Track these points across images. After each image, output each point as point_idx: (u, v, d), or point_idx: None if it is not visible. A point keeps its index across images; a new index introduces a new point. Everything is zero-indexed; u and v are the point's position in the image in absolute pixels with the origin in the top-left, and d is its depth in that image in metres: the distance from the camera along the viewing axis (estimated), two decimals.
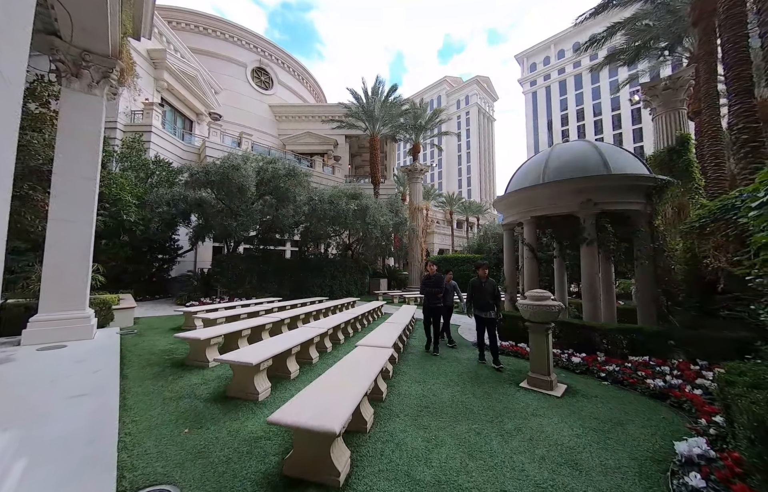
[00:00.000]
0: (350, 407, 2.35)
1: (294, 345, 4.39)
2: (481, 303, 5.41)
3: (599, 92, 55.65)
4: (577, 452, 2.71)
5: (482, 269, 5.58)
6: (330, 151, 27.34)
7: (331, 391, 2.68)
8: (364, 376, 3.05)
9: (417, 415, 3.30)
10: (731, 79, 8.09)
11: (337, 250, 17.86)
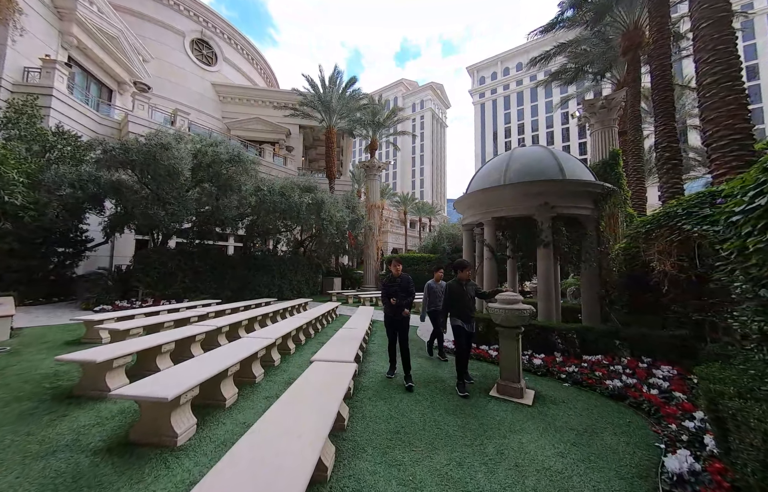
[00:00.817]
0: (309, 465, 1.69)
1: (232, 363, 3.51)
2: (465, 312, 4.31)
3: (537, 109, 61.48)
4: (567, 477, 2.42)
5: (465, 271, 4.45)
6: (282, 140, 25.46)
7: (281, 439, 1.97)
8: (323, 409, 2.39)
9: (387, 447, 2.75)
10: (658, 102, 9.07)
11: (288, 247, 16.55)
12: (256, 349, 4.12)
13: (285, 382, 4.22)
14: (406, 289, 4.56)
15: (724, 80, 5.24)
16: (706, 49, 5.48)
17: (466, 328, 4.28)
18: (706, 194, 4.74)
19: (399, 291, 4.53)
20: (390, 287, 4.55)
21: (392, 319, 4.62)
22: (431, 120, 76.72)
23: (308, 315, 7.61)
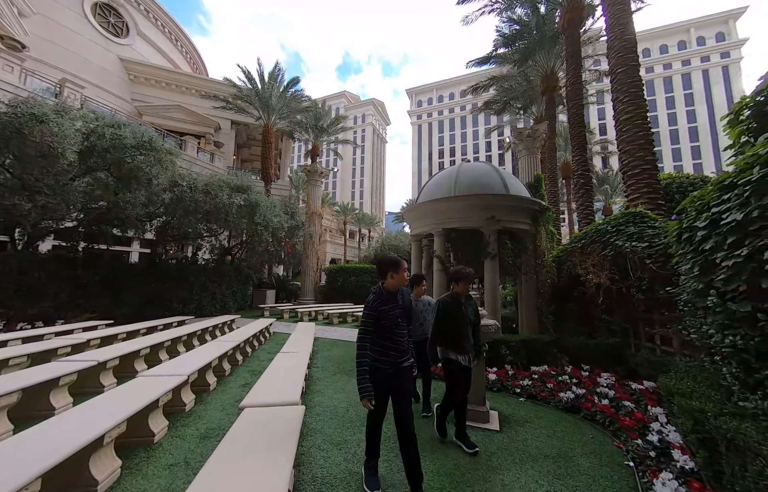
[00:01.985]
0: None
1: (112, 425, 2.36)
2: (461, 341, 3.08)
3: (466, 136, 67.99)
4: None
5: (463, 282, 3.17)
6: (209, 134, 22.49)
7: None
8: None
9: None
10: (574, 136, 10.40)
11: (212, 255, 14.28)
12: (157, 394, 2.95)
13: (200, 437, 3.12)
14: (405, 312, 2.55)
15: (636, 118, 6.10)
16: (622, 90, 6.35)
17: (464, 363, 3.08)
18: (630, 214, 5.31)
19: (401, 319, 2.51)
20: (374, 309, 2.43)
21: (386, 376, 2.42)
22: (372, 134, 78.28)
23: (235, 337, 6.32)
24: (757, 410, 1.98)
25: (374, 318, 2.42)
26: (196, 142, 20.16)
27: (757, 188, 2.04)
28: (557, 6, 12.53)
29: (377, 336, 2.42)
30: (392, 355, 2.43)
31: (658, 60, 52.60)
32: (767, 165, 2.02)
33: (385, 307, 2.44)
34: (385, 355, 2.42)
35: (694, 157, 49.47)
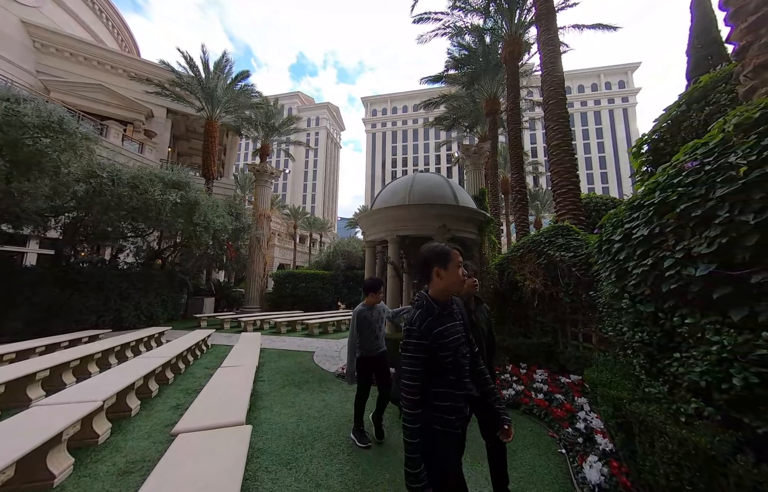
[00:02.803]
0: None
1: None
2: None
3: (418, 147, 71.00)
4: None
5: (470, 279, 2.50)
6: (139, 122, 19.81)
7: None
8: None
9: None
10: (513, 156, 11.51)
11: (138, 258, 12.50)
12: (58, 427, 2.42)
13: (118, 474, 2.64)
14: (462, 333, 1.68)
15: (564, 145, 7.00)
16: (553, 119, 7.23)
17: (474, 393, 1.81)
18: (558, 227, 6.03)
19: (464, 345, 1.67)
20: (447, 338, 1.55)
21: (457, 439, 1.67)
22: (326, 138, 77.13)
23: (164, 352, 5.57)
24: (660, 395, 2.36)
25: (426, 350, 1.49)
26: (121, 128, 17.58)
27: (657, 209, 2.46)
28: (500, 39, 13.86)
29: (434, 378, 1.51)
30: (462, 406, 1.58)
31: (577, 97, 61.51)
32: (665, 190, 2.45)
33: (440, 329, 1.53)
34: (455, 407, 1.54)
35: (603, 182, 58.61)
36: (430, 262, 1.62)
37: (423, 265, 1.67)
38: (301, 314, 14.14)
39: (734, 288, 1.91)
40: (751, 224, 1.82)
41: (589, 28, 13.59)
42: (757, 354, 1.71)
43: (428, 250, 1.65)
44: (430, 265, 1.62)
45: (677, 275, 2.21)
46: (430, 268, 1.63)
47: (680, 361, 2.19)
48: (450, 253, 1.63)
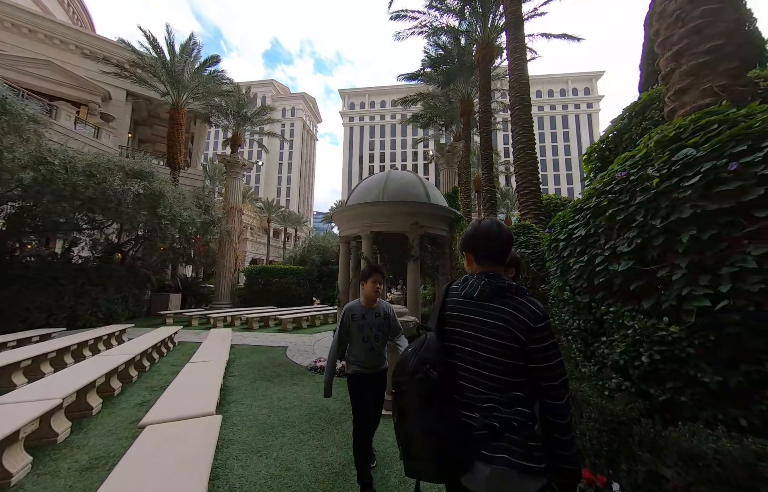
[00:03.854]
0: None
1: None
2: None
3: (395, 143, 71.35)
4: None
5: (509, 269, 2.18)
6: (94, 104, 18.31)
7: None
8: None
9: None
10: (483, 157, 12.03)
11: (94, 252, 11.69)
12: (15, 424, 2.35)
13: (80, 470, 2.60)
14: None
15: (527, 149, 7.48)
16: (518, 124, 7.69)
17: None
18: (520, 226, 6.48)
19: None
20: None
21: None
22: (302, 129, 75.27)
23: (127, 349, 5.38)
24: (591, 374, 2.73)
25: None
26: (73, 110, 16.18)
27: (593, 212, 2.81)
28: (474, 42, 14.31)
29: None
30: None
31: (547, 101, 64.64)
32: (599, 196, 2.80)
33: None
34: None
35: (568, 183, 62.28)
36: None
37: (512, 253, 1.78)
38: (274, 310, 13.93)
39: (646, 281, 2.27)
40: (658, 228, 2.17)
41: (556, 37, 14.39)
42: (659, 335, 2.07)
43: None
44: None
45: (605, 270, 2.56)
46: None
47: (606, 344, 2.56)
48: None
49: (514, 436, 0.99)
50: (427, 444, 1.01)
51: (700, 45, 2.83)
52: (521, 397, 1.03)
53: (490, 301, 1.10)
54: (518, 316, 1.04)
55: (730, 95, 2.65)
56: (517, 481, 0.96)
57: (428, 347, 1.12)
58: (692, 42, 2.86)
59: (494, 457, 0.98)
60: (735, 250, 1.85)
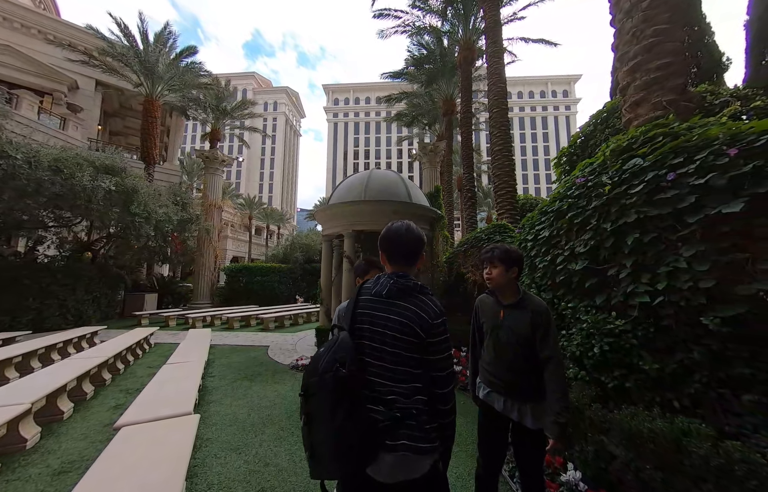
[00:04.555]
0: None
1: None
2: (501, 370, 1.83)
3: (380, 140, 71.31)
4: None
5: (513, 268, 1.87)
6: (60, 93, 17.26)
7: None
8: None
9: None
10: (464, 157, 12.32)
11: (61, 250, 11.11)
12: None
13: (53, 474, 2.56)
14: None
15: (504, 150, 7.76)
16: (496, 126, 7.96)
17: (513, 416, 1.76)
18: (497, 225, 6.74)
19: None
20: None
21: None
22: (285, 125, 73.76)
23: (100, 352, 5.22)
24: None
25: None
26: (36, 100, 15.22)
27: (556, 215, 3.02)
28: (456, 43, 14.55)
29: None
30: None
31: (528, 102, 66.47)
32: (562, 200, 3.02)
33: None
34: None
35: (548, 182, 64.41)
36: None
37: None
38: (255, 309, 13.75)
39: (598, 279, 2.49)
40: (609, 231, 2.39)
41: (535, 42, 14.87)
42: (607, 328, 2.29)
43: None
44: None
45: (565, 269, 2.77)
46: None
47: (566, 337, 2.77)
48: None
49: (413, 422, 1.09)
50: (336, 444, 1.03)
51: (651, 62, 3.09)
52: (420, 388, 1.13)
53: (397, 299, 1.18)
54: (420, 314, 1.14)
55: (676, 109, 2.92)
56: (413, 463, 1.07)
57: (340, 346, 1.14)
58: (645, 59, 3.12)
59: (396, 445, 1.06)
60: (671, 251, 2.07)
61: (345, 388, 1.05)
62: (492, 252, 1.93)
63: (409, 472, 1.07)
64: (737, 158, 1.89)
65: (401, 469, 1.07)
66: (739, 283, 1.80)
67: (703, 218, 1.92)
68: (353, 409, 1.05)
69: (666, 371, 2.09)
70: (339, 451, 1.04)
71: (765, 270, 1.73)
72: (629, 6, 3.27)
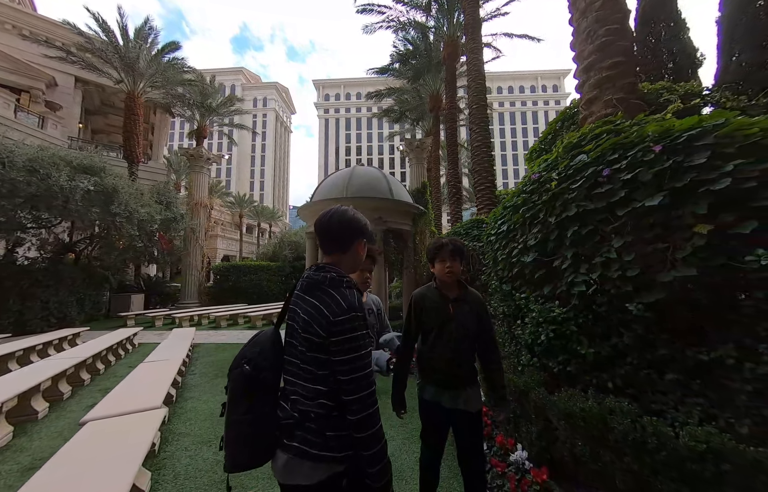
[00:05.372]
0: None
1: None
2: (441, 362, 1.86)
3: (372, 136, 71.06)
4: (396, 457, 2.76)
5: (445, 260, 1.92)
6: (37, 90, 16.82)
7: None
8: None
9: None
10: (449, 153, 12.45)
11: (42, 252, 10.93)
12: None
13: (23, 471, 2.63)
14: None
15: (483, 146, 7.90)
16: (475, 122, 8.08)
17: (460, 405, 1.84)
18: (475, 221, 6.89)
19: None
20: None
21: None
22: (275, 121, 72.88)
23: (79, 352, 5.23)
24: (510, 353, 3.10)
25: None
26: (12, 98, 14.82)
27: (513, 209, 3.15)
28: (442, 38, 14.59)
29: None
30: None
31: (518, 97, 66.90)
32: (518, 195, 3.15)
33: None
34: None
35: None
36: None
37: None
38: (243, 307, 13.75)
39: (546, 270, 2.63)
40: (553, 224, 2.52)
41: (518, 37, 14.99)
42: (551, 316, 2.43)
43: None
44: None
45: (519, 262, 2.91)
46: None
47: (521, 326, 2.92)
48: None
49: (312, 425, 1.03)
50: (235, 437, 1.05)
51: (603, 61, 3.22)
52: (323, 391, 1.04)
53: (307, 293, 1.13)
54: (322, 310, 1.05)
55: (626, 107, 3.06)
56: (307, 469, 1.01)
57: (255, 342, 1.16)
58: (597, 58, 3.25)
59: (290, 446, 1.03)
60: (605, 243, 2.22)
61: (249, 384, 1.06)
62: (452, 245, 1.92)
63: (297, 477, 1.02)
64: (661, 154, 2.03)
65: (290, 471, 1.03)
66: (660, 272, 1.95)
67: (630, 211, 2.06)
68: (257, 404, 1.05)
69: (602, 355, 2.24)
70: (237, 445, 1.05)
71: (682, 259, 1.88)
72: (584, 6, 3.39)
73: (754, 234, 1.65)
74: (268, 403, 1.08)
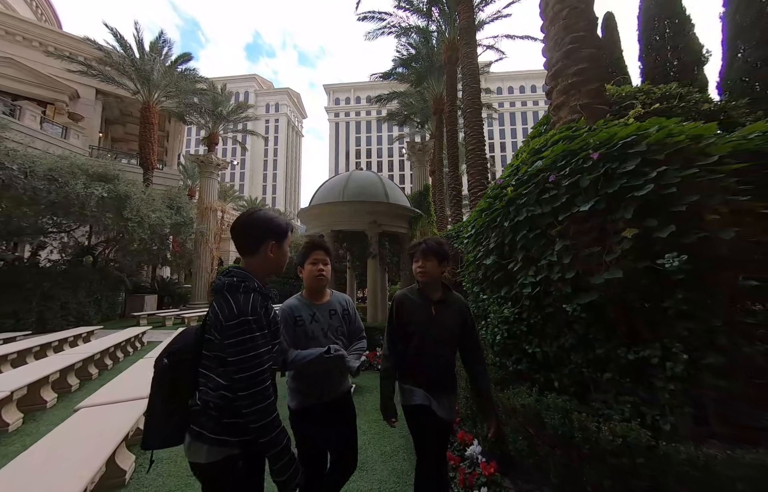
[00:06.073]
0: None
1: None
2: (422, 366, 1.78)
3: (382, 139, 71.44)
4: (364, 450, 2.91)
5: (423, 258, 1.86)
6: (61, 102, 17.91)
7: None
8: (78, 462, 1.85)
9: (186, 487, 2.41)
10: (450, 155, 12.51)
11: (63, 255, 11.65)
12: None
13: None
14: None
15: (477, 149, 7.97)
16: (470, 126, 8.16)
17: (439, 412, 1.72)
18: (463, 223, 6.97)
19: None
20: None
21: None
22: (287, 126, 74.44)
23: (88, 348, 5.62)
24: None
25: None
26: (39, 110, 15.85)
27: (478, 214, 3.26)
28: (443, 42, 14.69)
29: None
30: None
31: (518, 97, 65.86)
32: (493, 199, 3.25)
33: None
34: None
35: None
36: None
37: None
38: None
39: (503, 272, 2.73)
40: (508, 228, 2.63)
41: (520, 38, 14.92)
42: (504, 317, 2.54)
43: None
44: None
45: (482, 265, 3.02)
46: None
47: (484, 326, 3.02)
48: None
49: (213, 413, 1.16)
50: (149, 419, 1.21)
51: (570, 67, 3.30)
52: (223, 384, 1.17)
53: (214, 296, 1.26)
54: (218, 313, 1.16)
55: (589, 112, 3.13)
56: (205, 451, 1.15)
57: (179, 337, 1.31)
58: (564, 65, 3.33)
59: (192, 430, 1.17)
60: (550, 246, 2.31)
61: (166, 375, 1.20)
62: (425, 244, 1.84)
63: (195, 456, 1.17)
64: (598, 161, 2.12)
65: (192, 452, 1.18)
66: (595, 274, 2.04)
67: (569, 215, 2.16)
68: (172, 393, 1.19)
69: (550, 354, 2.33)
70: (152, 426, 1.20)
71: (613, 261, 1.96)
72: (552, 14, 3.48)
73: (671, 238, 1.73)
74: (182, 391, 1.21)
